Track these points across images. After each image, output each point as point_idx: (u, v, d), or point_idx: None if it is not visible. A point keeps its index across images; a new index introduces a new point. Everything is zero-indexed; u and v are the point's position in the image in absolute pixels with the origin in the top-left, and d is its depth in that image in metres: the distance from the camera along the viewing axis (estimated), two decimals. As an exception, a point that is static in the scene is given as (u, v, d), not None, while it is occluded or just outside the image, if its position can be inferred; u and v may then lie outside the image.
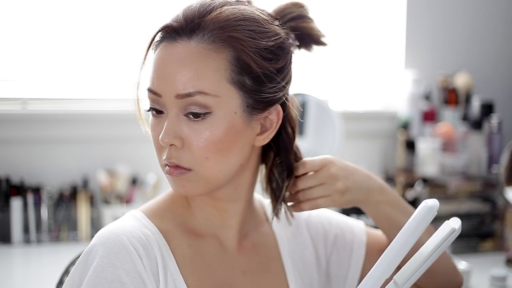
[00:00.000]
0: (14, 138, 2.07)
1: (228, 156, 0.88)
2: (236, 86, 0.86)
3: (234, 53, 0.85)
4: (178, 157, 0.86)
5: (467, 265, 1.82)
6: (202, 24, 0.85)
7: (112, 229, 0.87)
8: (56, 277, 1.26)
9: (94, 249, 0.85)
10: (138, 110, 0.93)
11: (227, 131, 0.86)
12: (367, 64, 2.48)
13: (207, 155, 0.86)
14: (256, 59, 0.86)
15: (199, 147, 0.85)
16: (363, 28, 2.47)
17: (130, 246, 0.85)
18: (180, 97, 0.84)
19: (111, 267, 0.83)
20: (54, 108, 2.12)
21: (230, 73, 0.85)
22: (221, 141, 0.86)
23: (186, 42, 0.85)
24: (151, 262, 0.87)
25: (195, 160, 0.86)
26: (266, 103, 0.89)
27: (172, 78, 0.85)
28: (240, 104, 0.87)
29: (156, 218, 0.92)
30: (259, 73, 0.87)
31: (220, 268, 0.95)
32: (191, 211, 0.95)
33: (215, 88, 0.84)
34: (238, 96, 0.86)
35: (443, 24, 2.51)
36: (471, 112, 2.35)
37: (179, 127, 0.86)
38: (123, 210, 1.98)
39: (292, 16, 0.97)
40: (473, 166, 2.26)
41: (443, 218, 2.23)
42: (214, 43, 0.85)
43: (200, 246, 0.94)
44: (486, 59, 2.56)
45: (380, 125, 2.44)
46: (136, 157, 2.11)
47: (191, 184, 0.88)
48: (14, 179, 2.04)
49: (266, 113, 0.90)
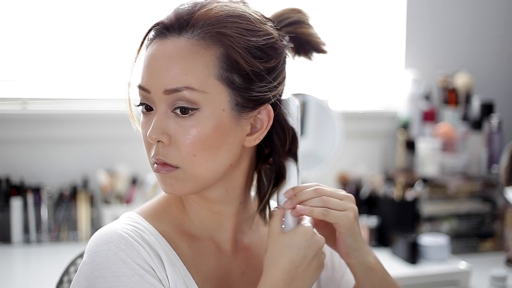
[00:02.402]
0: (14, 138, 2.07)
1: (216, 155, 0.87)
2: (224, 83, 0.85)
3: (223, 49, 0.85)
4: (166, 154, 0.86)
5: (467, 265, 1.82)
6: (191, 21, 0.85)
7: (112, 228, 0.87)
8: (56, 277, 1.26)
9: (98, 249, 0.84)
10: (129, 109, 0.93)
11: (215, 128, 0.85)
12: (367, 64, 2.48)
13: (194, 152, 0.85)
14: (245, 56, 0.86)
15: (186, 144, 0.85)
16: (363, 28, 2.47)
17: (134, 242, 0.85)
18: (168, 92, 0.84)
19: (124, 263, 0.82)
20: (54, 108, 2.12)
21: (219, 69, 0.85)
22: (208, 138, 0.85)
23: (175, 38, 0.85)
24: (157, 258, 0.87)
25: (182, 158, 0.85)
26: (255, 102, 0.88)
27: (161, 73, 0.84)
28: (228, 102, 0.86)
29: (153, 220, 0.92)
30: (248, 70, 0.86)
31: (219, 270, 0.94)
32: (187, 214, 0.95)
33: (203, 84, 0.84)
34: (227, 94, 0.86)
35: (443, 24, 2.51)
36: (471, 112, 2.35)
37: (166, 123, 0.85)
38: (123, 210, 1.98)
39: (290, 22, 0.96)
40: (473, 166, 2.26)
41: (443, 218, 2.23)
42: (203, 40, 0.85)
43: (198, 248, 0.93)
44: (486, 59, 2.57)
45: (380, 125, 2.44)
46: (136, 157, 2.10)
47: (178, 183, 0.87)
48: (14, 179, 2.04)
49: (255, 112, 0.89)
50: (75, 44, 2.15)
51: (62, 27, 2.14)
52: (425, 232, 2.06)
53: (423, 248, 1.93)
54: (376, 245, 2.05)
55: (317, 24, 1.00)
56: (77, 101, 2.19)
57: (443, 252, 1.90)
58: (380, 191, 2.12)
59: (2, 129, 2.05)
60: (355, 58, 2.47)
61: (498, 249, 2.08)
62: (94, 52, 2.17)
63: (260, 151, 0.96)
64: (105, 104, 2.17)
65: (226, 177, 0.91)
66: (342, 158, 2.00)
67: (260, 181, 0.97)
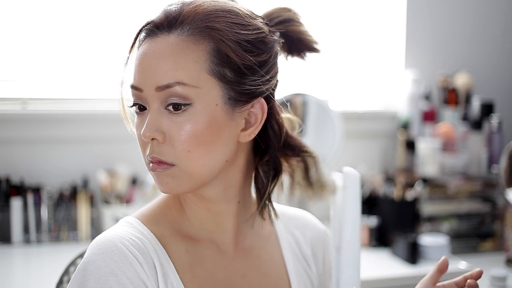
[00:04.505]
0: (14, 138, 2.07)
1: (211, 150, 0.86)
2: (216, 78, 0.85)
3: (213, 44, 0.85)
4: (161, 151, 0.85)
5: (467, 265, 1.82)
6: (180, 17, 0.86)
7: (109, 237, 0.86)
8: (56, 277, 1.26)
9: (92, 258, 0.84)
10: (122, 109, 0.93)
11: (209, 123, 0.85)
12: (367, 64, 2.48)
13: (189, 148, 0.85)
14: (236, 49, 0.86)
15: (181, 140, 0.84)
16: (363, 28, 2.47)
17: (129, 253, 0.85)
18: (160, 89, 0.84)
19: (114, 276, 0.83)
20: (54, 108, 2.12)
21: (210, 64, 0.85)
22: (203, 133, 0.85)
23: (166, 36, 0.86)
24: (150, 269, 0.86)
25: (177, 154, 0.85)
26: (248, 96, 0.88)
27: (152, 71, 0.85)
28: (221, 96, 0.86)
29: (151, 224, 0.92)
30: (239, 64, 0.86)
31: (219, 272, 0.93)
32: (186, 216, 0.94)
33: (194, 79, 0.84)
34: (219, 88, 0.85)
35: (443, 24, 2.51)
36: (471, 112, 2.35)
37: (160, 121, 0.85)
38: (123, 210, 1.98)
39: (280, 20, 0.96)
40: (473, 166, 2.26)
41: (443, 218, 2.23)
42: (193, 35, 0.85)
43: (198, 251, 0.93)
44: (486, 59, 2.57)
45: (380, 125, 2.44)
46: (136, 157, 2.08)
47: (175, 181, 0.86)
48: (14, 179, 2.04)
49: (249, 106, 0.88)
50: (75, 44, 2.15)
51: (61, 27, 2.14)
52: (425, 232, 2.06)
53: (423, 248, 1.93)
54: (376, 245, 2.05)
55: (317, 24, 1.01)
56: (77, 101, 2.19)
57: (443, 252, 1.90)
58: (380, 191, 2.12)
59: (2, 129, 2.05)
60: (355, 58, 2.46)
61: (498, 249, 2.08)
62: (94, 52, 2.17)
63: (257, 148, 0.95)
64: (105, 104, 2.17)
65: (223, 175, 0.91)
66: (342, 158, 2.00)
67: (258, 178, 0.96)
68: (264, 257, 0.99)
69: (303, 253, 1.04)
